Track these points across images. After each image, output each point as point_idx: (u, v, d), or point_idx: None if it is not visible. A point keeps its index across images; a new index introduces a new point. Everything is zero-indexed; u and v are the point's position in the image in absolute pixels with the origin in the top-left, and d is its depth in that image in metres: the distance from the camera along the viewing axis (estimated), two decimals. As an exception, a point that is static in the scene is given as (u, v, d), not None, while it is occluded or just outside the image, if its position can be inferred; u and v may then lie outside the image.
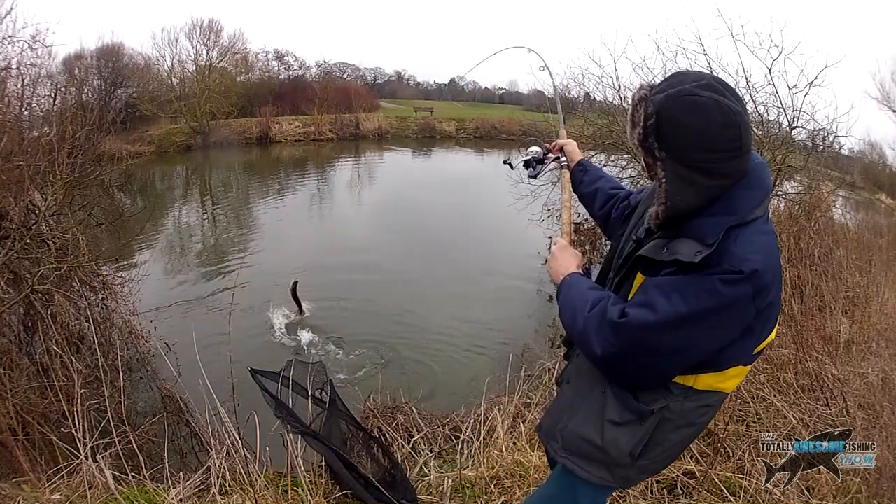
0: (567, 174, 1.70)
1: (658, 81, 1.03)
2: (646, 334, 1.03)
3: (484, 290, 7.40)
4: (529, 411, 3.06)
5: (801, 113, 5.74)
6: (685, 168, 0.99)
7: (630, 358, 1.08)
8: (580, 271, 1.29)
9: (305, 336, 6.11)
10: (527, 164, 1.78)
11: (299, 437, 2.29)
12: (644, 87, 1.03)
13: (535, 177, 1.80)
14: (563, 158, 1.74)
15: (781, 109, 5.84)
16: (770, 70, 5.63)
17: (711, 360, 1.08)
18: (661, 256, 1.04)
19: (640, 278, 1.12)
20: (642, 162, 1.06)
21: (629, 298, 1.12)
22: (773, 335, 1.13)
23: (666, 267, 1.04)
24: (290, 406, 2.37)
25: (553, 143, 1.78)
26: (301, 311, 6.56)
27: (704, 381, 1.12)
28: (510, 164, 1.90)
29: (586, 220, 9.19)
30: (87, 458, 2.16)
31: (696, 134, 0.96)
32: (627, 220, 1.35)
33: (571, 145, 1.74)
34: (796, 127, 5.85)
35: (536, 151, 1.78)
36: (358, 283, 7.59)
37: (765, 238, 1.03)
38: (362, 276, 7.91)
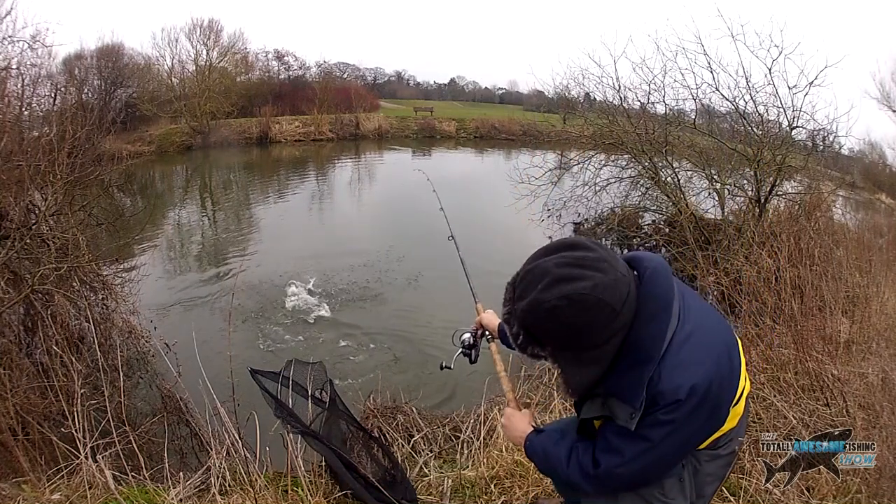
0: (494, 346, 1.74)
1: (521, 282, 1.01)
2: (623, 474, 1.12)
3: (485, 288, 7.37)
4: (530, 411, 3.06)
5: (801, 113, 5.77)
6: (571, 352, 1.00)
7: (621, 487, 1.18)
8: (534, 427, 1.38)
9: (305, 333, 6.11)
10: (464, 354, 1.79)
11: (299, 437, 2.29)
12: (507, 299, 1.02)
13: (474, 361, 1.79)
14: (488, 333, 1.76)
15: (781, 109, 5.87)
16: (770, 70, 5.66)
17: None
18: (602, 412, 1.12)
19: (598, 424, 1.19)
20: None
21: (596, 433, 1.20)
22: (742, 384, 1.16)
23: None
24: (290, 406, 2.37)
25: (475, 322, 1.80)
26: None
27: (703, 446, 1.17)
28: (449, 367, 1.82)
29: (586, 220, 9.21)
30: (87, 458, 2.16)
31: (563, 332, 0.97)
32: None
33: (487, 318, 1.77)
34: (796, 127, 5.87)
35: (467, 339, 1.79)
36: (358, 280, 7.59)
37: (686, 350, 1.03)
38: (362, 273, 7.90)
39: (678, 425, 1.03)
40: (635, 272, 1.04)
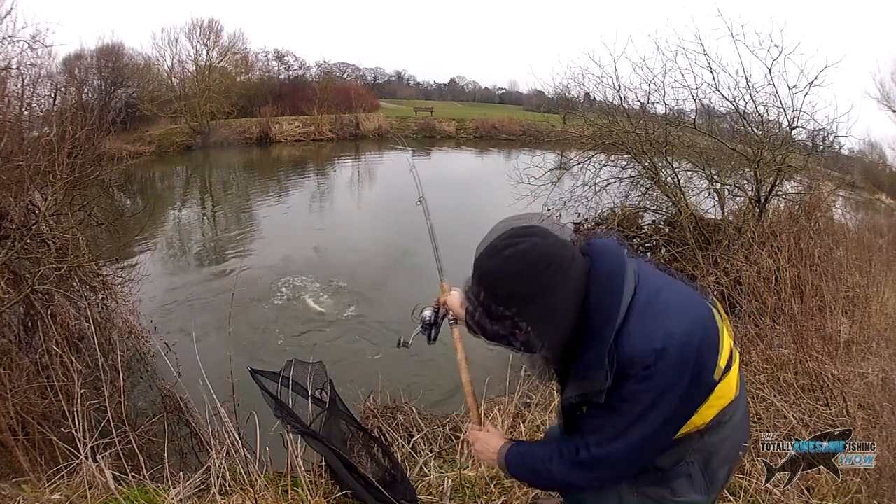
0: (457, 332, 1.62)
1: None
2: (612, 453, 1.08)
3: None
4: (529, 411, 3.06)
5: (801, 113, 5.75)
6: (535, 307, 1.01)
7: (614, 472, 1.13)
8: (508, 441, 1.31)
9: (306, 332, 6.11)
10: (423, 332, 1.69)
11: (299, 437, 2.29)
12: (466, 298, 1.09)
13: (434, 341, 1.69)
14: (451, 315, 1.65)
15: (781, 109, 5.85)
16: (770, 70, 5.64)
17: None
18: (582, 391, 1.09)
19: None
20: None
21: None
22: (726, 350, 1.12)
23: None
24: (290, 406, 2.37)
25: (436, 300, 1.71)
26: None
27: (685, 430, 1.12)
28: (406, 345, 1.75)
29: (586, 220, 9.20)
30: (87, 458, 2.16)
31: (518, 286, 1.00)
32: None
33: (453, 298, 1.66)
34: (796, 127, 5.85)
35: (428, 316, 1.69)
36: (360, 279, 7.59)
37: (651, 312, 1.03)
38: (364, 272, 7.91)
39: (659, 386, 1.01)
40: (588, 257, 1.08)
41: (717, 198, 7.12)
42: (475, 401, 1.54)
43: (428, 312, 1.70)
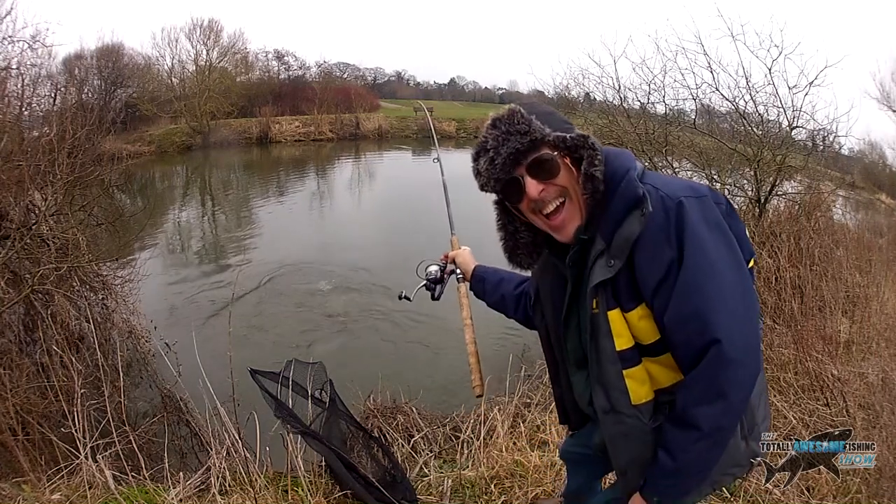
0: (463, 288, 1.58)
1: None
2: (735, 327, 0.92)
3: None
4: (529, 411, 3.07)
5: (801, 113, 5.73)
6: (563, 132, 1.03)
7: (756, 352, 0.96)
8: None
9: (306, 332, 6.10)
10: (427, 288, 1.63)
11: (299, 437, 2.29)
12: (489, 148, 1.11)
13: (437, 298, 1.62)
14: (458, 272, 1.60)
15: (781, 109, 5.83)
16: (770, 70, 5.62)
17: None
18: (617, 264, 0.96)
19: (615, 318, 1.00)
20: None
21: (615, 343, 1.01)
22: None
23: (625, 273, 0.97)
24: (290, 406, 2.38)
25: (444, 255, 1.65)
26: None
27: None
28: (408, 298, 1.67)
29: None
30: (87, 458, 2.16)
31: (542, 109, 1.07)
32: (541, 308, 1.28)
33: (463, 255, 1.60)
34: (796, 127, 5.84)
35: (434, 272, 1.62)
36: (360, 279, 7.58)
37: (660, 175, 1.06)
38: (365, 271, 7.89)
39: (706, 216, 0.94)
40: None
41: (716, 198, 7.11)
42: (478, 362, 1.50)
43: (434, 268, 1.64)
